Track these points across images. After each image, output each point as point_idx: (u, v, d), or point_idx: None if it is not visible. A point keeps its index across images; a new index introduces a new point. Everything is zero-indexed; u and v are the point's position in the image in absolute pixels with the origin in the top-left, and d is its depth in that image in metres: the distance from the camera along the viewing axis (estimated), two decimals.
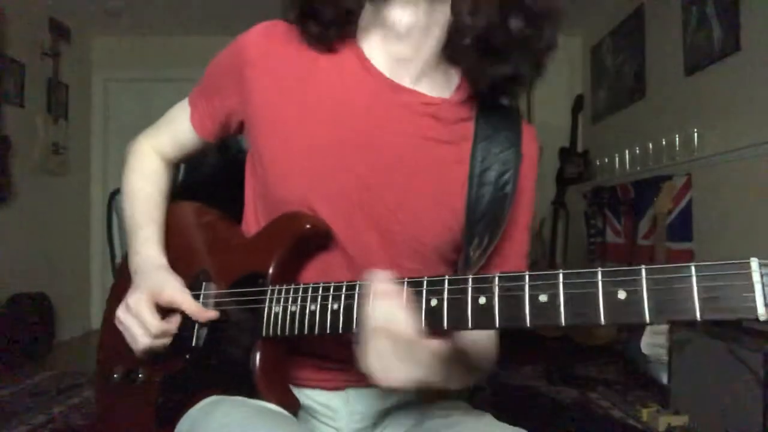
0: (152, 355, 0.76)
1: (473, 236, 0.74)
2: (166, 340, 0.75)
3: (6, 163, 3.41)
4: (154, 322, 0.73)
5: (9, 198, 3.48)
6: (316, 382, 0.77)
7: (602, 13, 3.95)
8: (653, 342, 2.51)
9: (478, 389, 0.90)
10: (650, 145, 3.18)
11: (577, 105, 4.34)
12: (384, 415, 0.79)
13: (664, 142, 3.03)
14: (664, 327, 2.34)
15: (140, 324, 0.73)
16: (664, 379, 2.34)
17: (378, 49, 0.75)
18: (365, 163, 0.72)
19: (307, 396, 0.77)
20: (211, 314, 0.74)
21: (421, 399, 0.80)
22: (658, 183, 2.90)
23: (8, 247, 3.48)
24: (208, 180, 1.05)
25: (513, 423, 0.71)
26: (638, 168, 3.33)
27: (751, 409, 1.79)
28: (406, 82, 0.74)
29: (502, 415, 0.75)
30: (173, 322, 0.75)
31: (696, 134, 2.77)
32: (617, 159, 3.60)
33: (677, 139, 2.92)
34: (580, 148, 4.28)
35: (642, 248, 3.07)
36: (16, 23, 3.56)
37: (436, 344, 0.56)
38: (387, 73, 0.74)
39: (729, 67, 2.55)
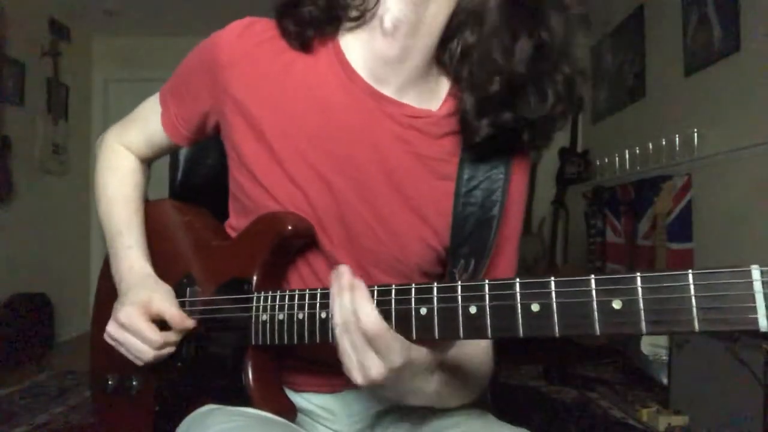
0: (150, 365, 0.74)
1: (458, 258, 0.70)
2: (171, 350, 0.73)
3: (6, 163, 3.41)
4: (154, 335, 0.70)
5: (9, 198, 3.48)
6: (311, 386, 0.76)
7: (602, 13, 3.95)
8: (653, 342, 2.51)
9: None
10: (650, 145, 3.18)
11: (577, 105, 4.33)
12: (383, 415, 0.78)
13: (664, 142, 3.03)
14: None
15: (141, 339, 0.71)
16: (664, 379, 2.34)
17: (362, 49, 0.70)
18: (344, 177, 0.69)
19: (304, 399, 0.76)
20: (188, 323, 0.72)
21: None
22: (658, 183, 2.90)
23: (8, 247, 3.48)
24: (207, 180, 1.05)
25: (513, 423, 0.71)
26: (638, 168, 3.33)
27: (751, 409, 1.79)
28: (390, 90, 0.70)
29: (502, 415, 0.74)
30: (174, 333, 0.73)
31: (696, 134, 2.77)
32: (617, 159, 3.59)
33: (677, 139, 2.92)
34: (580, 148, 4.27)
35: (642, 248, 3.07)
36: (16, 23, 3.56)
37: (404, 340, 0.55)
38: (370, 79, 0.69)
39: (729, 67, 2.54)
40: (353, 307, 0.53)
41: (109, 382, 0.82)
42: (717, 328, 0.42)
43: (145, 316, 0.71)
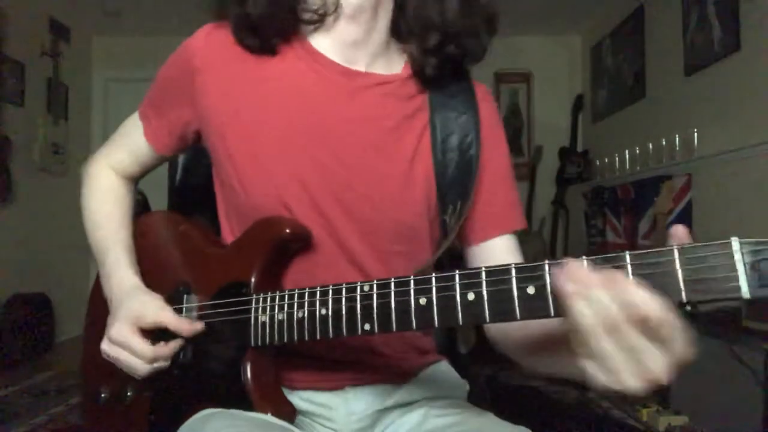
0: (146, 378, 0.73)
1: (446, 204, 0.75)
2: (166, 363, 0.72)
3: (6, 163, 3.41)
4: (146, 348, 0.70)
5: (9, 198, 3.48)
6: (312, 383, 0.76)
7: (602, 13, 3.95)
8: None
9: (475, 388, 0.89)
10: (650, 145, 3.18)
11: (577, 105, 4.34)
12: (383, 414, 0.78)
13: (664, 142, 3.03)
14: None
15: (132, 354, 0.70)
16: None
17: (328, 38, 0.74)
18: (332, 155, 0.72)
19: (302, 398, 0.76)
20: (198, 326, 0.71)
21: (421, 397, 0.80)
22: (658, 183, 2.90)
23: (8, 247, 3.48)
24: (207, 179, 1.05)
25: (513, 423, 0.71)
26: (638, 168, 3.33)
27: (751, 409, 1.79)
28: (360, 66, 0.75)
29: (502, 415, 0.74)
30: (170, 345, 0.72)
31: (696, 134, 2.77)
32: (617, 159, 3.59)
33: (677, 139, 2.92)
34: (580, 148, 4.28)
35: (642, 248, 3.07)
36: (16, 23, 3.56)
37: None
38: (340, 61, 0.74)
39: (729, 67, 2.55)
40: (620, 299, 0.43)
41: (102, 395, 0.81)
42: (703, 298, 0.44)
43: (135, 330, 0.71)
